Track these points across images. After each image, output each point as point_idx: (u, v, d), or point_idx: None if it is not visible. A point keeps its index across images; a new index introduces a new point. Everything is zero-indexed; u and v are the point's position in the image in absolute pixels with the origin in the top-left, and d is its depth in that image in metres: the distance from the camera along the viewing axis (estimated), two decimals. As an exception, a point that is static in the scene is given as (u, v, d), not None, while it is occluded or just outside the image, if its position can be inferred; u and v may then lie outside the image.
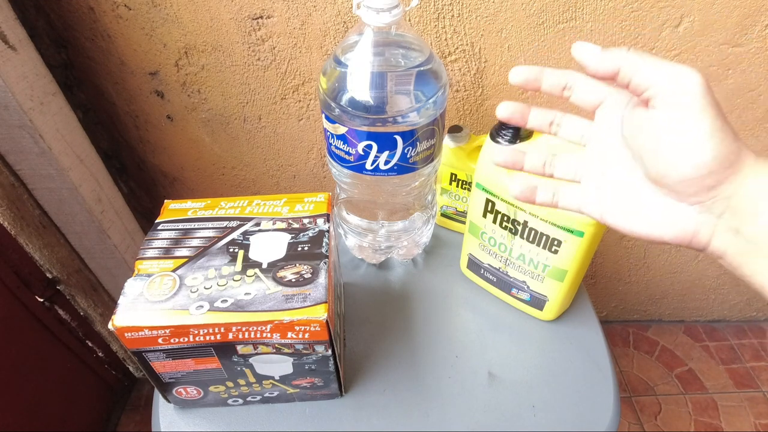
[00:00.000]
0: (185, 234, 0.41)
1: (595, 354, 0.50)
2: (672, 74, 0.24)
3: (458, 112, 0.72)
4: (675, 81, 0.24)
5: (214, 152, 0.78)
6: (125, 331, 0.35)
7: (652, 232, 0.28)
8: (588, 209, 0.31)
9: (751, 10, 0.60)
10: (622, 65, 0.25)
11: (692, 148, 0.24)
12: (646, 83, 0.25)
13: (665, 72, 0.25)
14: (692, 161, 0.24)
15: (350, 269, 0.60)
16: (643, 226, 0.28)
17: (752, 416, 1.02)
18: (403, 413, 0.45)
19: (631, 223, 0.29)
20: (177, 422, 0.45)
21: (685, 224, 0.26)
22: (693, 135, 0.24)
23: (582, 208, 0.31)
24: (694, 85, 0.24)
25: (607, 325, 1.17)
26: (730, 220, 0.25)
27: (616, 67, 0.26)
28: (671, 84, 0.24)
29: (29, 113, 0.60)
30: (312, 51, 0.65)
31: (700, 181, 0.25)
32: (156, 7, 0.61)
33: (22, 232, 0.70)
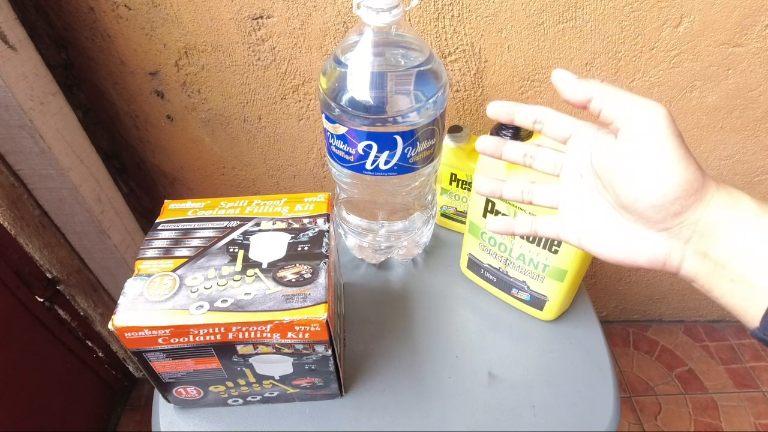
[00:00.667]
0: (185, 234, 0.41)
1: (595, 354, 0.50)
2: (638, 107, 0.26)
3: (458, 112, 0.72)
4: (641, 113, 0.26)
5: (214, 152, 0.78)
6: (125, 331, 0.35)
7: (626, 257, 0.29)
8: (565, 236, 0.33)
9: (751, 10, 0.60)
10: (594, 95, 0.27)
11: (657, 176, 0.26)
12: (615, 114, 0.27)
13: (633, 105, 0.26)
14: (658, 189, 0.26)
15: (350, 269, 0.60)
16: (618, 251, 0.29)
17: (752, 416, 1.02)
18: (403, 413, 0.45)
19: (607, 249, 0.30)
20: (177, 422, 0.45)
21: (657, 250, 0.28)
22: (658, 163, 0.26)
23: (560, 235, 0.33)
24: (659, 118, 0.26)
25: (607, 325, 1.17)
26: (698, 244, 0.26)
27: (589, 96, 0.28)
28: (638, 116, 0.26)
29: (29, 113, 0.60)
30: (312, 51, 0.65)
31: (666, 207, 0.26)
32: (156, 7, 0.61)
33: (22, 232, 0.70)
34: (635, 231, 0.28)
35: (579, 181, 0.32)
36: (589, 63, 0.65)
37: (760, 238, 0.25)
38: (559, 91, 0.29)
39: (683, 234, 0.27)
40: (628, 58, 0.65)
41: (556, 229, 0.33)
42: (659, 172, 0.26)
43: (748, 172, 0.82)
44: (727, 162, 0.79)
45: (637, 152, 0.26)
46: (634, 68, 0.66)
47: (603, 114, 0.27)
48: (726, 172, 0.81)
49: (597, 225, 0.30)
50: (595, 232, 0.31)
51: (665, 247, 0.27)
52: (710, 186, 0.26)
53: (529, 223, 0.35)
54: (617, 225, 0.29)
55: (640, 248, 0.28)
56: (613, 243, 0.30)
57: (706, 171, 0.26)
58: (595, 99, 0.27)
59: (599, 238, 0.30)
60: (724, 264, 0.26)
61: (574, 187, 0.32)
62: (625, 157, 0.27)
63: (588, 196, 0.31)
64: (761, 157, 0.79)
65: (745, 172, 0.82)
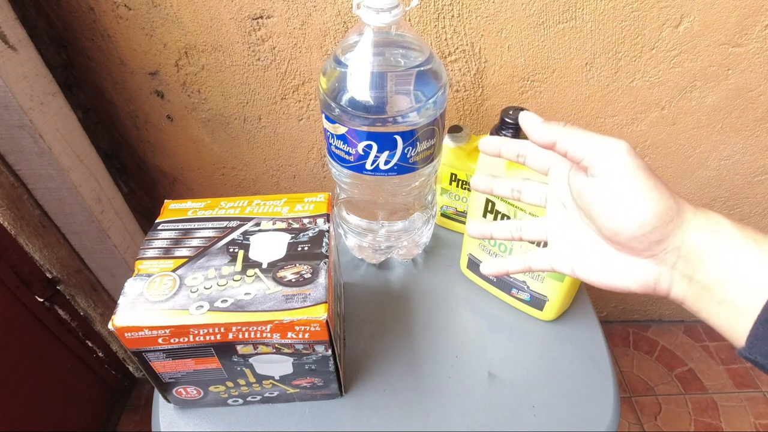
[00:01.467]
0: (185, 234, 0.41)
1: (595, 354, 0.50)
2: (601, 145, 0.28)
3: (458, 112, 0.72)
4: (604, 151, 0.27)
5: (214, 152, 0.78)
6: (125, 331, 0.35)
7: (619, 284, 0.30)
8: (559, 267, 0.33)
9: (751, 10, 0.60)
10: (557, 139, 0.29)
11: (632, 208, 0.27)
12: (580, 154, 0.28)
13: (595, 144, 0.28)
14: (635, 221, 0.27)
15: (350, 269, 0.60)
16: (611, 279, 0.30)
17: (752, 416, 1.02)
18: (403, 413, 0.45)
19: (600, 277, 0.31)
20: (177, 422, 0.45)
21: (646, 275, 0.28)
22: (630, 197, 0.27)
23: (554, 267, 0.34)
24: (622, 154, 0.27)
25: (607, 325, 1.17)
26: (684, 268, 0.27)
27: (553, 139, 0.29)
28: (601, 154, 0.27)
29: (29, 113, 0.60)
30: (312, 51, 0.65)
31: (646, 237, 0.27)
32: (156, 7, 0.61)
33: (22, 232, 0.70)
34: (623, 259, 0.29)
35: (563, 211, 0.33)
36: (589, 63, 0.65)
37: (742, 262, 0.25)
38: (527, 134, 0.30)
39: (668, 259, 0.27)
40: (628, 58, 0.65)
41: (549, 262, 0.34)
42: (633, 205, 0.27)
43: (748, 172, 0.82)
44: (727, 162, 0.79)
45: (608, 189, 0.27)
46: (634, 68, 0.66)
47: (569, 155, 0.29)
48: (726, 172, 0.81)
49: (587, 254, 0.31)
50: (586, 260, 0.31)
51: (654, 273, 0.28)
52: (687, 211, 0.27)
53: (521, 260, 0.35)
54: (606, 253, 0.30)
55: (630, 275, 0.29)
56: (604, 271, 0.30)
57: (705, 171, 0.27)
58: (560, 142, 0.29)
59: (591, 266, 0.31)
60: (709, 287, 0.26)
61: (560, 217, 0.33)
62: (599, 193, 0.28)
63: (574, 226, 0.32)
64: (761, 157, 0.79)
65: (745, 172, 0.82)
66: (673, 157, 0.78)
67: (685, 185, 0.83)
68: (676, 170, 0.81)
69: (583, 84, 0.68)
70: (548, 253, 0.34)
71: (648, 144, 0.76)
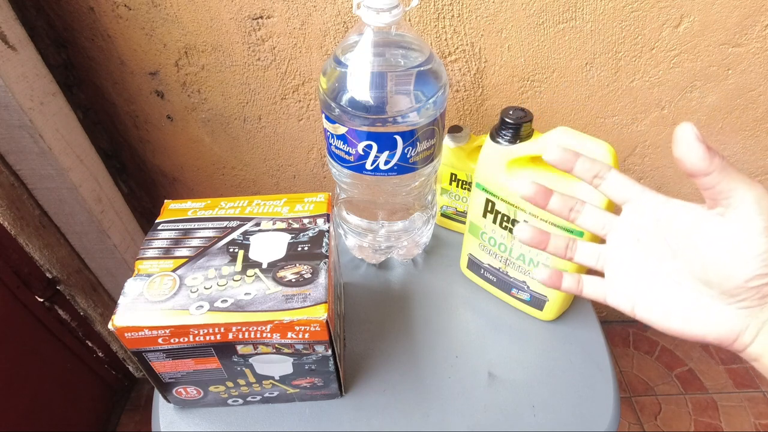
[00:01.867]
0: (185, 234, 0.41)
1: (595, 354, 0.50)
2: (753, 193, 0.26)
3: (458, 112, 0.72)
4: (754, 199, 0.26)
5: (214, 152, 0.78)
6: (125, 331, 0.35)
7: (694, 331, 0.28)
8: (615, 300, 0.32)
9: (751, 10, 0.60)
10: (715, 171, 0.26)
11: (759, 260, 0.25)
12: (728, 193, 0.26)
13: (748, 190, 0.26)
14: (756, 272, 0.26)
15: (350, 269, 0.60)
16: (683, 324, 0.29)
17: (752, 416, 1.02)
18: (403, 413, 0.45)
19: (670, 322, 0.29)
20: (177, 422, 0.45)
21: (731, 327, 0.27)
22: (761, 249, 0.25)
23: (608, 299, 0.32)
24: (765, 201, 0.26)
25: (607, 325, 1.17)
26: None
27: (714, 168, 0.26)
28: (751, 201, 0.26)
29: (29, 113, 0.60)
30: (312, 51, 0.65)
31: (759, 288, 0.26)
32: (156, 7, 0.61)
33: (22, 232, 0.70)
34: (709, 306, 0.28)
35: (635, 246, 0.31)
36: (589, 63, 0.65)
37: None
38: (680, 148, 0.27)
39: (763, 314, 0.27)
40: (628, 58, 0.65)
41: (603, 292, 0.32)
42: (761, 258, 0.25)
43: (748, 172, 0.82)
44: (727, 162, 0.79)
45: (742, 235, 0.26)
46: (634, 68, 0.66)
47: (715, 191, 0.27)
48: (726, 172, 0.81)
49: (658, 295, 0.30)
50: (654, 302, 0.30)
51: (741, 325, 0.27)
52: None
53: (575, 281, 0.34)
54: (685, 297, 0.29)
55: (711, 324, 0.28)
56: (678, 316, 0.29)
57: None
58: (714, 175, 0.26)
59: (660, 309, 0.29)
60: None
61: (629, 252, 0.31)
62: (726, 236, 0.26)
63: (647, 263, 0.30)
64: (761, 157, 0.79)
65: (745, 172, 0.81)
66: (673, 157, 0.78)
67: (685, 186, 0.83)
68: (677, 170, 0.81)
69: (583, 84, 0.68)
70: (604, 285, 0.32)
71: (648, 144, 0.76)
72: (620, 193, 0.31)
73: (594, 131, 0.74)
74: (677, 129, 0.27)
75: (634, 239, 0.31)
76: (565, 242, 0.34)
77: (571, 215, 0.34)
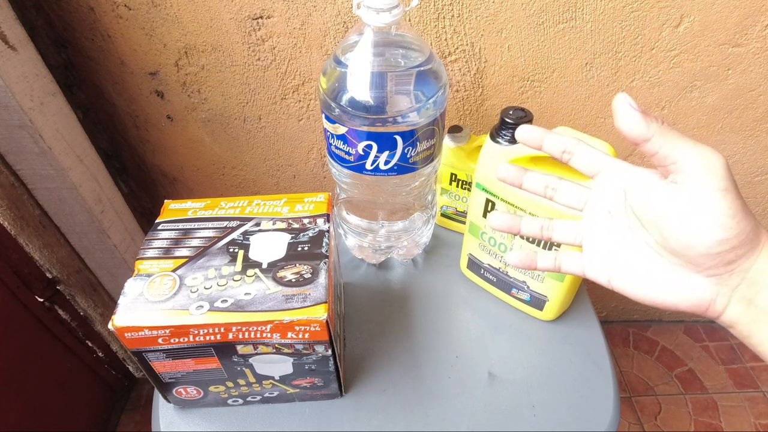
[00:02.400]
0: (185, 234, 0.41)
1: (595, 354, 0.50)
2: (697, 153, 0.26)
3: (458, 112, 0.72)
4: (700, 160, 0.26)
5: (214, 152, 0.78)
6: (125, 331, 0.35)
7: (667, 300, 0.28)
8: (592, 273, 0.32)
9: (751, 10, 0.60)
10: (655, 135, 0.27)
11: (717, 225, 0.25)
12: (673, 157, 0.26)
13: (691, 150, 0.26)
14: (715, 237, 0.25)
15: (350, 269, 0.60)
16: (657, 294, 0.29)
17: (752, 416, 1.02)
18: (403, 413, 0.45)
19: (644, 291, 0.29)
20: (177, 422, 0.45)
21: (702, 295, 0.27)
22: (717, 213, 0.25)
23: (586, 272, 0.32)
24: (719, 167, 0.25)
25: (607, 325, 1.17)
26: (745, 291, 0.26)
27: (650, 134, 0.27)
28: (697, 162, 0.26)
29: (29, 113, 0.60)
30: (312, 51, 0.65)
31: (722, 256, 0.26)
32: (156, 7, 0.61)
33: (22, 232, 0.70)
34: (679, 275, 0.28)
35: (607, 218, 0.31)
36: (589, 63, 0.65)
37: None
38: (618, 117, 0.27)
39: (732, 281, 0.26)
40: (628, 58, 0.65)
41: (581, 266, 0.32)
42: (718, 222, 0.25)
43: (748, 172, 0.82)
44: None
45: (695, 200, 0.26)
46: (634, 68, 0.66)
47: (658, 156, 0.27)
48: (726, 172, 0.81)
49: (631, 266, 0.30)
50: (629, 272, 0.30)
51: (711, 293, 0.27)
52: (763, 234, 0.26)
53: (552, 257, 0.34)
54: (657, 267, 0.29)
55: (682, 293, 0.28)
56: (651, 285, 0.29)
57: None
58: (654, 141, 0.27)
59: (634, 279, 0.30)
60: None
61: (602, 224, 0.31)
62: (680, 203, 0.26)
63: (619, 234, 0.30)
64: (761, 157, 0.79)
65: (745, 172, 0.82)
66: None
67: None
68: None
69: (583, 84, 0.68)
70: (581, 259, 0.32)
71: (648, 144, 0.76)
72: (590, 165, 0.31)
73: (594, 131, 0.74)
74: (613, 101, 0.28)
75: (605, 212, 0.31)
76: (539, 223, 0.34)
77: (547, 192, 0.34)
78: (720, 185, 0.25)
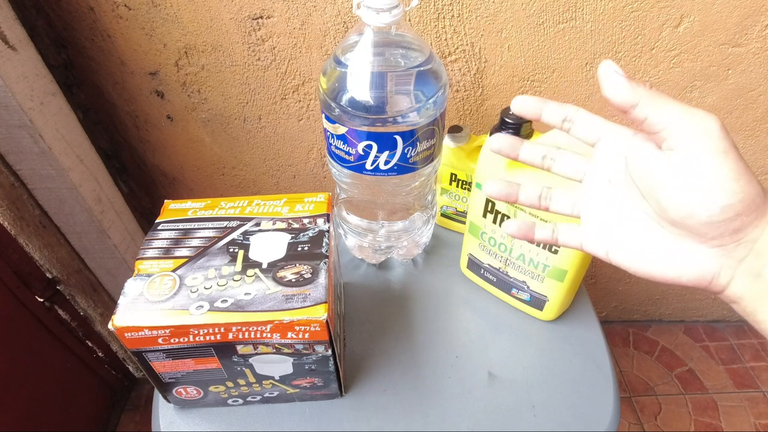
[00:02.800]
0: (185, 234, 0.41)
1: (595, 354, 0.50)
2: (689, 117, 0.24)
3: (458, 112, 0.72)
4: (693, 122, 0.24)
5: (214, 152, 0.78)
6: (125, 331, 0.35)
7: (667, 273, 0.27)
8: (590, 247, 0.30)
9: (751, 10, 0.60)
10: (640, 101, 0.25)
11: (718, 190, 0.24)
12: (662, 123, 0.25)
13: (682, 113, 0.24)
14: (717, 203, 0.24)
15: (350, 269, 0.60)
16: (657, 268, 0.27)
17: (752, 416, 1.02)
18: (403, 413, 0.45)
19: (643, 264, 0.28)
20: (177, 422, 0.45)
21: (705, 267, 0.26)
22: (718, 177, 0.23)
23: (584, 246, 0.31)
24: (713, 128, 0.24)
25: (607, 325, 1.17)
26: (752, 264, 0.25)
27: (635, 102, 0.25)
28: (689, 125, 0.24)
29: (29, 113, 0.60)
30: (312, 51, 0.65)
31: (726, 224, 0.24)
32: (156, 7, 0.61)
33: (22, 232, 0.70)
34: (681, 247, 0.26)
35: (607, 188, 0.29)
36: (589, 63, 0.65)
37: None
38: (604, 84, 0.26)
39: (738, 253, 0.25)
40: (628, 58, 0.65)
41: (579, 239, 0.31)
42: (719, 186, 0.23)
43: (748, 172, 0.81)
44: (727, 162, 0.79)
45: (690, 165, 0.24)
46: (634, 68, 0.66)
47: (648, 123, 0.25)
48: (726, 172, 0.81)
49: (630, 238, 0.28)
50: (628, 245, 0.28)
51: (715, 266, 0.25)
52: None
53: (549, 230, 0.32)
54: (658, 239, 0.27)
55: (685, 266, 0.26)
56: (651, 259, 0.27)
57: None
58: (642, 105, 0.25)
59: (634, 252, 0.28)
60: None
61: (601, 194, 0.30)
62: (677, 170, 0.25)
63: (619, 205, 0.29)
64: (761, 157, 0.79)
65: (745, 172, 0.82)
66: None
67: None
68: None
69: (583, 84, 0.68)
70: (579, 231, 0.31)
71: (648, 144, 0.76)
72: (591, 132, 0.29)
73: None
74: (599, 69, 0.26)
75: (605, 180, 0.29)
76: (538, 191, 0.32)
77: (545, 163, 0.32)
78: (718, 146, 0.23)
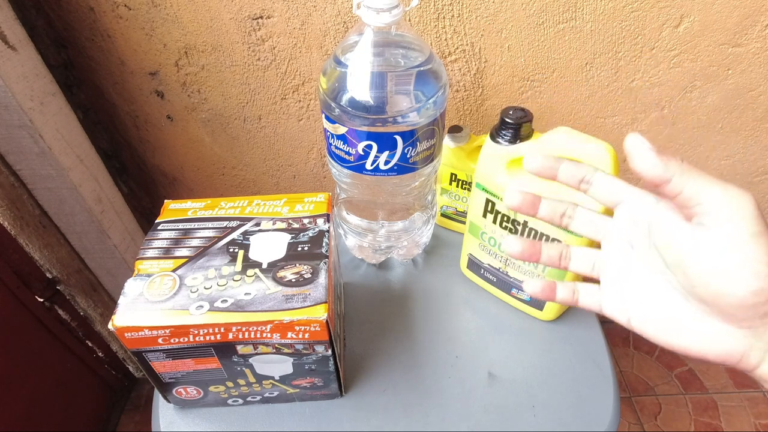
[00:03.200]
0: (185, 234, 0.41)
1: (595, 354, 0.50)
2: (723, 193, 0.23)
3: (458, 112, 0.72)
4: (728, 201, 0.23)
5: (214, 152, 0.78)
6: (125, 331, 0.35)
7: (692, 348, 0.26)
8: (611, 311, 0.29)
9: (751, 10, 0.60)
10: (674, 175, 0.24)
11: (750, 274, 0.23)
12: (697, 198, 0.24)
13: (719, 192, 0.24)
14: (750, 288, 0.23)
15: (350, 269, 0.60)
16: (683, 341, 0.26)
17: (752, 416, 1.02)
18: (403, 413, 0.45)
19: (668, 337, 0.27)
20: (177, 422, 0.45)
21: (733, 347, 0.25)
22: (751, 260, 0.23)
23: (604, 309, 0.30)
24: (749, 208, 0.23)
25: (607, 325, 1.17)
26: None
27: (668, 177, 0.24)
28: (725, 205, 0.23)
29: (29, 113, 0.60)
30: (312, 51, 0.65)
31: (756, 308, 0.23)
32: (156, 7, 0.61)
33: (22, 232, 0.70)
34: (708, 323, 0.25)
35: (629, 253, 0.28)
36: (589, 63, 0.65)
37: None
38: (634, 159, 0.25)
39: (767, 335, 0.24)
40: (628, 58, 0.65)
41: (599, 302, 0.30)
42: (752, 270, 0.23)
43: (748, 172, 0.81)
44: (727, 162, 0.79)
45: (725, 246, 0.23)
46: (634, 68, 0.66)
47: (682, 197, 0.24)
48: (726, 172, 0.81)
49: (654, 308, 0.27)
50: (652, 315, 0.27)
51: (743, 346, 0.25)
52: None
53: (571, 290, 0.31)
54: (683, 312, 0.26)
55: (712, 343, 0.25)
56: (676, 332, 0.26)
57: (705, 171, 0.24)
58: (676, 180, 0.24)
59: (658, 323, 0.27)
60: None
61: (623, 259, 0.29)
62: (708, 248, 0.24)
63: (641, 272, 0.28)
64: (761, 157, 0.79)
65: (745, 172, 0.82)
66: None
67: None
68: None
69: (583, 84, 0.68)
70: (600, 293, 0.30)
71: (648, 144, 0.76)
72: (611, 195, 0.28)
73: (594, 131, 0.74)
74: (626, 142, 0.25)
75: (627, 245, 0.29)
76: (559, 251, 0.32)
77: (563, 221, 0.31)
78: (752, 229, 0.23)
